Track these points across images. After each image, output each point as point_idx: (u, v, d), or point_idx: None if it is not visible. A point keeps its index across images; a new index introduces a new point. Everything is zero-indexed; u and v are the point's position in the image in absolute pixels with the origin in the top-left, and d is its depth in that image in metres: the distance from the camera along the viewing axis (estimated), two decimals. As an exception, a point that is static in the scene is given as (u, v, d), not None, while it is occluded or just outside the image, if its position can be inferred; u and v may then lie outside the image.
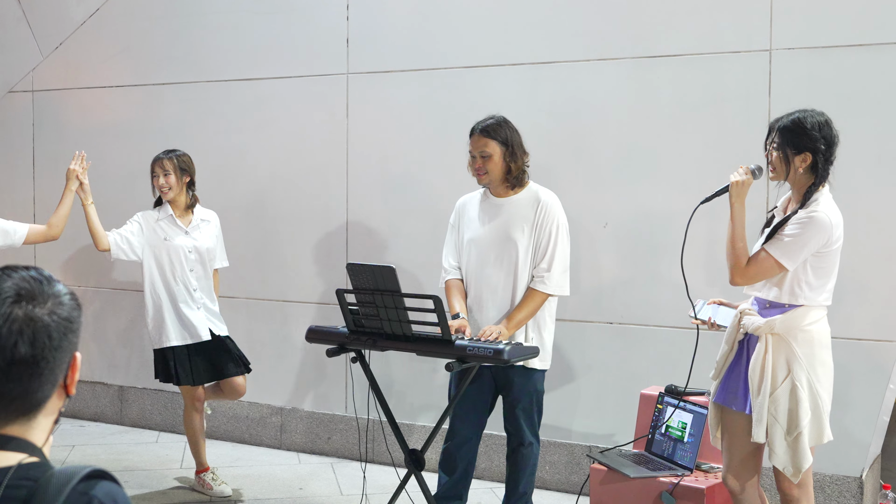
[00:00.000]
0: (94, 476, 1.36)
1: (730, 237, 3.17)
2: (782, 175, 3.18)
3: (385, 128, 5.28)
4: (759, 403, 3.13)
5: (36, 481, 1.33)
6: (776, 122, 3.21)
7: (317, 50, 5.45)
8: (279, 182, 5.59)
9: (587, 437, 4.81)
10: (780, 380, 3.10)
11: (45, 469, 1.35)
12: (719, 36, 4.45)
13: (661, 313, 4.60)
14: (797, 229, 3.08)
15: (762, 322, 3.14)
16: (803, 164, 3.13)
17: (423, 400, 5.20)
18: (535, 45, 4.86)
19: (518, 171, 3.88)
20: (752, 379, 3.14)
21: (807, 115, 3.15)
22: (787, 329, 3.11)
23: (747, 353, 3.23)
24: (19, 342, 1.37)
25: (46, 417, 1.44)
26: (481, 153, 3.85)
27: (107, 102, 6.16)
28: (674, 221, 4.56)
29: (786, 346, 3.11)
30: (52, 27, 6.28)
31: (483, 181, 3.91)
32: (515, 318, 3.78)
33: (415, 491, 4.13)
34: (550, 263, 3.83)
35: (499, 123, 3.88)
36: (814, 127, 3.12)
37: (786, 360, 3.12)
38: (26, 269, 1.44)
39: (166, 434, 5.94)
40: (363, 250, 5.31)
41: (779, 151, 3.15)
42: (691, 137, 4.53)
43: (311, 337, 4.00)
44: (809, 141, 3.11)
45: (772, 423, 3.11)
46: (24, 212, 6.49)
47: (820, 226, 3.07)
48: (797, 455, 3.11)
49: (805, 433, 3.10)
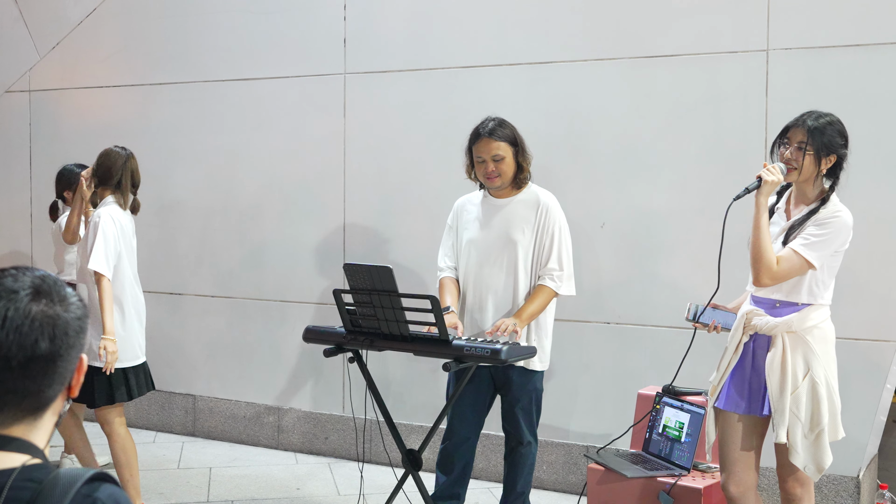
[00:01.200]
0: (97, 479, 1.36)
1: (758, 238, 3.13)
2: (805, 176, 3.17)
3: (382, 128, 5.28)
4: (780, 403, 3.11)
5: (40, 483, 1.32)
6: (800, 124, 3.18)
7: (314, 50, 5.45)
8: (276, 182, 5.58)
9: (584, 436, 4.81)
10: (799, 378, 3.11)
11: (49, 471, 1.35)
12: (716, 36, 4.45)
13: (658, 313, 4.61)
14: (824, 229, 3.10)
15: (778, 321, 3.14)
16: (827, 166, 3.17)
17: (421, 400, 5.20)
18: (532, 45, 4.86)
19: (528, 166, 3.88)
20: (771, 379, 3.13)
21: (833, 119, 3.20)
22: (804, 327, 3.13)
23: (752, 356, 3.23)
24: (39, 339, 1.37)
25: (51, 418, 1.44)
26: (494, 157, 3.82)
27: (104, 102, 6.16)
28: (671, 221, 4.57)
29: (803, 345, 3.12)
30: (49, 27, 6.28)
31: (495, 184, 3.86)
32: (527, 311, 3.78)
33: (412, 491, 4.13)
34: (560, 263, 3.84)
35: (502, 124, 3.87)
36: (841, 131, 3.19)
37: (804, 359, 3.13)
38: (34, 270, 1.44)
39: (163, 434, 5.94)
40: (360, 250, 5.31)
41: (810, 152, 3.14)
42: (688, 137, 4.54)
43: (309, 337, 4.00)
44: (838, 144, 3.16)
45: (793, 422, 3.10)
46: (22, 212, 6.48)
47: (843, 226, 3.12)
48: (819, 453, 3.12)
49: (826, 430, 3.12)
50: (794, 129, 3.19)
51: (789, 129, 3.21)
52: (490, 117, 3.92)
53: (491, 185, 3.89)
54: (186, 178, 5.86)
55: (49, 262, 6.30)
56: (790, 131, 3.19)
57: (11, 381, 1.37)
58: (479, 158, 3.86)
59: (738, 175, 4.42)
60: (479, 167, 3.88)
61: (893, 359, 4.19)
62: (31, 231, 6.44)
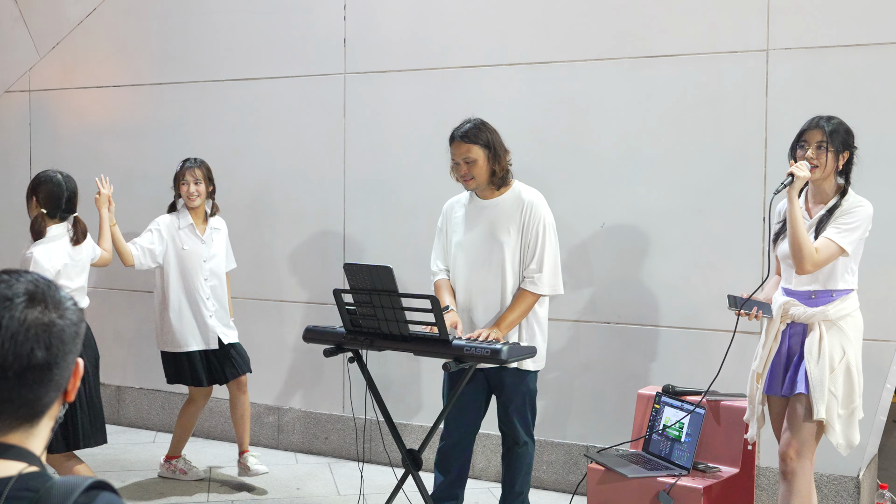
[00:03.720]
0: (95, 487, 1.34)
1: (797, 230, 3.35)
2: (826, 172, 3.43)
3: (382, 127, 5.28)
4: (820, 383, 3.35)
5: (36, 492, 1.30)
6: (816, 126, 3.43)
7: (314, 50, 5.45)
8: (276, 182, 5.58)
9: (584, 436, 4.81)
10: (836, 361, 3.38)
11: (45, 479, 1.33)
12: (716, 36, 4.45)
13: (658, 313, 4.61)
14: (852, 217, 3.40)
15: (815, 310, 3.41)
16: (843, 162, 3.46)
17: (421, 400, 5.21)
18: (531, 45, 4.86)
19: (502, 171, 3.87)
20: (810, 362, 3.38)
21: (841, 120, 3.48)
22: (840, 316, 3.41)
23: (788, 343, 3.48)
24: (36, 348, 1.34)
25: (47, 425, 1.42)
26: (465, 159, 3.85)
27: (103, 102, 6.16)
28: (671, 221, 4.57)
29: (838, 331, 3.41)
30: (49, 27, 6.28)
31: (470, 186, 3.90)
32: (507, 320, 3.78)
33: (412, 491, 4.13)
34: (541, 264, 3.82)
35: (477, 127, 3.87)
36: (849, 130, 3.49)
37: (840, 344, 3.40)
38: (28, 274, 1.42)
39: (163, 434, 5.93)
40: (360, 250, 5.31)
41: (831, 150, 3.41)
42: (688, 137, 4.54)
43: (309, 337, 4.00)
44: (851, 141, 3.47)
45: (831, 400, 3.36)
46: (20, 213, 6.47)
47: (868, 213, 3.43)
48: (850, 430, 3.41)
49: (858, 408, 3.41)
50: (809, 131, 3.46)
51: (805, 132, 3.47)
52: (468, 119, 3.92)
53: (466, 187, 3.93)
54: (186, 178, 5.85)
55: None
56: (806, 134, 3.47)
57: (7, 390, 1.35)
58: (453, 160, 3.90)
59: (738, 175, 4.43)
60: (454, 169, 3.92)
61: (893, 359, 4.18)
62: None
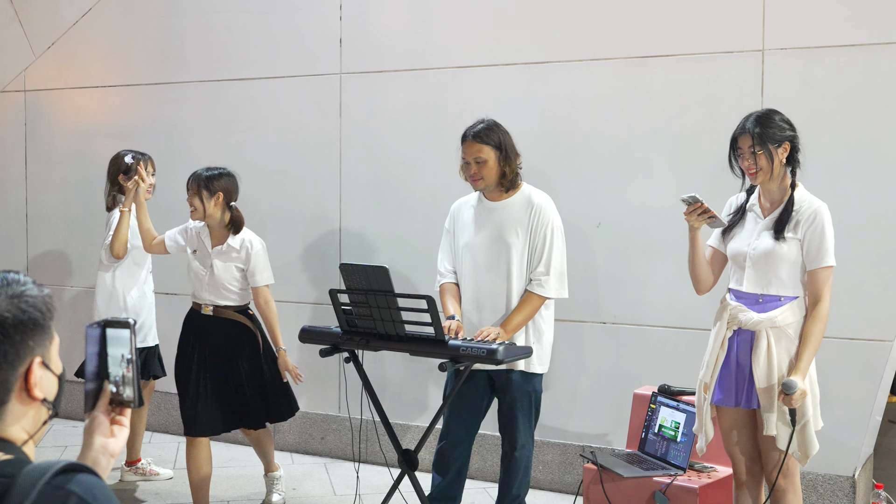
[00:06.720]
0: (71, 469, 1.34)
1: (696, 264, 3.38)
2: (768, 175, 3.23)
3: (378, 128, 5.28)
4: (768, 397, 3.18)
5: (11, 478, 1.31)
6: (743, 131, 3.25)
7: (310, 50, 5.44)
8: (272, 182, 5.58)
9: (581, 436, 4.81)
10: (785, 371, 3.18)
11: (22, 465, 1.34)
12: (712, 36, 4.46)
13: (654, 313, 4.61)
14: (819, 228, 3.17)
15: (762, 317, 3.20)
16: (784, 154, 3.22)
17: (417, 400, 5.20)
18: (528, 45, 4.86)
19: (512, 173, 3.86)
20: (758, 373, 3.19)
21: (770, 111, 3.28)
22: (787, 323, 3.20)
23: (736, 351, 3.28)
24: None
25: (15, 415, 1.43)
26: (476, 159, 3.83)
27: (99, 102, 6.15)
28: (667, 221, 4.57)
29: (786, 339, 3.20)
30: (45, 27, 6.27)
31: (479, 186, 3.88)
32: (513, 322, 3.77)
33: (408, 491, 4.13)
34: (548, 267, 3.82)
35: (490, 128, 3.86)
36: (784, 119, 3.25)
37: (787, 352, 3.20)
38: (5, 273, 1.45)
39: (159, 434, 5.93)
40: (356, 250, 5.30)
41: (762, 151, 3.20)
42: (684, 137, 4.54)
43: (305, 337, 4.00)
44: (784, 130, 3.23)
45: (780, 414, 3.17)
46: (17, 212, 6.47)
47: (829, 218, 3.20)
48: (805, 442, 3.20)
49: (811, 421, 3.20)
50: (740, 137, 3.26)
51: (736, 138, 3.28)
52: (482, 119, 3.91)
53: (475, 187, 3.91)
54: (182, 178, 5.83)
55: (44, 260, 6.30)
56: (738, 141, 3.27)
57: None
58: (464, 159, 3.88)
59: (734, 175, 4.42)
60: (464, 168, 3.90)
61: (888, 358, 4.19)
62: (26, 231, 6.42)
